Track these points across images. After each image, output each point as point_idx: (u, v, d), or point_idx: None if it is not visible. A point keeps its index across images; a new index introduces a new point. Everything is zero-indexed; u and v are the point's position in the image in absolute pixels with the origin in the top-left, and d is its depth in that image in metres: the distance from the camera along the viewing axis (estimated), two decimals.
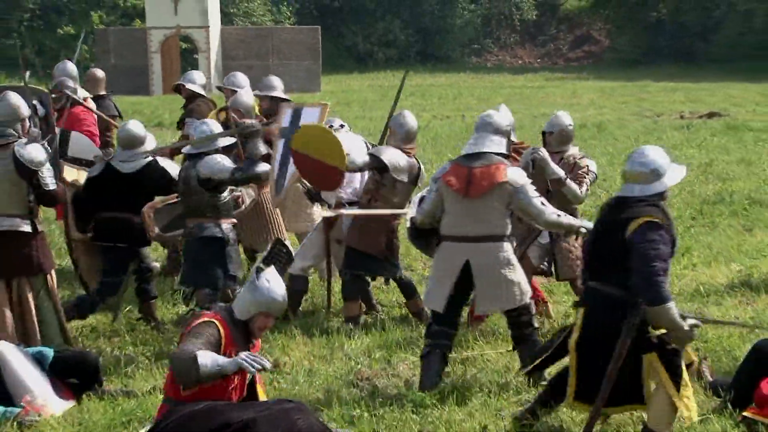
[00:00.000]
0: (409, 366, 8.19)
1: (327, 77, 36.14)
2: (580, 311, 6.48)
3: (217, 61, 34.81)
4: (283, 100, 10.86)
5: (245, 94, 10.46)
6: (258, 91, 10.96)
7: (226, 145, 8.77)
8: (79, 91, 12.05)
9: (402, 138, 9.41)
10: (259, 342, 6.40)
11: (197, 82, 11.53)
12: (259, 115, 10.64)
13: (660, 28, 46.86)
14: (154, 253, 10.61)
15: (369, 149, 9.75)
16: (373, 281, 9.81)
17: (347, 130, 10.12)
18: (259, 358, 5.68)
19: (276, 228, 10.13)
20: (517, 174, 7.64)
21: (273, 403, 5.72)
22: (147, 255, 9.31)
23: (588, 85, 35.28)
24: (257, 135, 9.25)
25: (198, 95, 11.44)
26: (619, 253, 6.16)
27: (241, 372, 5.83)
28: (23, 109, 8.27)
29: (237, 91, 10.79)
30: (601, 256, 6.38)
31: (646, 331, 6.22)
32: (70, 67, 12.19)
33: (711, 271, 11.07)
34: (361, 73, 42.27)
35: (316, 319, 9.42)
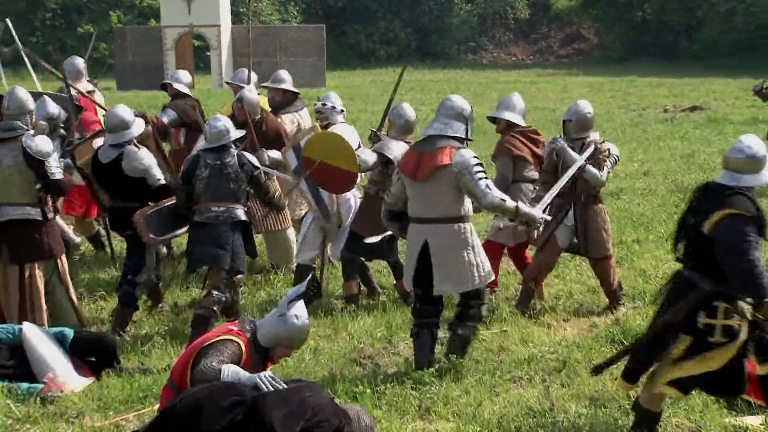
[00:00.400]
0: (409, 345, 8.17)
1: (331, 73, 36.10)
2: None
3: (227, 57, 34.80)
4: (293, 93, 10.83)
5: (250, 91, 10.39)
6: (269, 84, 10.95)
7: (237, 138, 8.73)
8: (85, 85, 12.04)
9: (401, 129, 9.41)
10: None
11: (183, 81, 11.36)
12: (264, 110, 10.53)
13: (645, 26, 46.83)
14: None
15: (360, 144, 9.76)
16: (369, 262, 9.77)
17: (343, 118, 10.05)
18: (276, 380, 5.60)
19: (282, 215, 10.12)
20: (464, 156, 7.36)
21: (285, 382, 5.68)
22: None
23: (578, 80, 35.24)
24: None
25: (183, 94, 11.26)
26: (702, 240, 6.00)
27: None
28: (30, 103, 8.27)
29: (243, 86, 10.75)
30: (689, 240, 6.24)
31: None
32: (78, 61, 12.19)
33: None
34: (364, 70, 42.25)
35: (320, 302, 9.42)
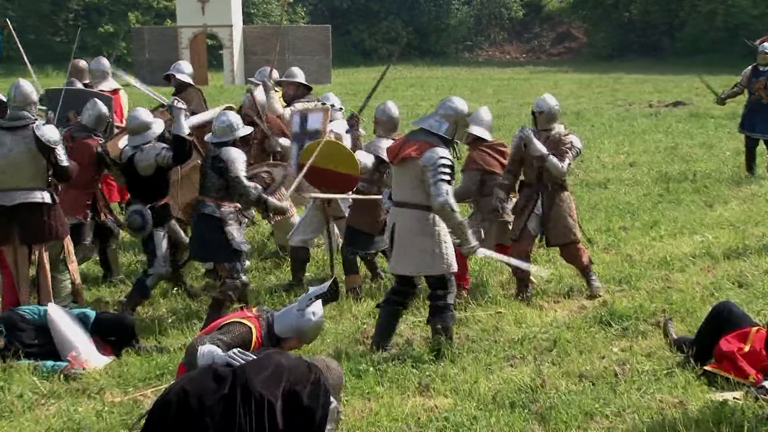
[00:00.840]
0: (409, 326, 8.18)
1: (337, 70, 36.07)
2: None
3: (239, 55, 34.76)
4: (306, 87, 10.76)
5: (260, 92, 10.32)
6: (283, 79, 10.89)
7: (243, 136, 8.63)
8: (111, 84, 12.03)
9: (387, 127, 9.35)
10: None
11: (185, 72, 11.29)
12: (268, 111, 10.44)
13: (631, 26, 46.79)
14: None
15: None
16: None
17: (341, 114, 10.01)
18: (245, 353, 5.61)
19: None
20: (434, 154, 7.24)
21: (263, 353, 5.72)
22: (178, 230, 9.21)
23: (568, 77, 35.20)
24: None
25: (187, 84, 11.19)
26: None
27: None
28: (34, 95, 8.27)
29: (259, 83, 10.66)
30: None
31: None
32: (103, 61, 12.18)
33: (676, 241, 11.06)
34: (367, 67, 42.19)
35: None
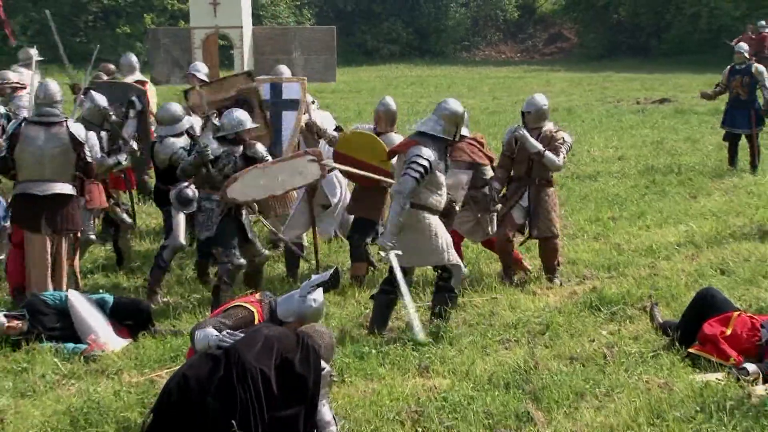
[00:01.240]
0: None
1: (341, 69, 35.96)
2: None
3: (249, 55, 34.70)
4: None
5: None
6: (272, 76, 10.72)
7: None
8: (137, 77, 12.00)
9: (389, 120, 9.33)
10: None
11: (202, 72, 11.22)
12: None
13: (620, 27, 46.64)
14: None
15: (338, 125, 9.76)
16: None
17: (317, 106, 9.95)
18: (234, 334, 5.61)
19: (287, 200, 9.84)
20: (415, 150, 7.28)
21: (251, 330, 5.75)
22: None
23: (560, 75, 35.10)
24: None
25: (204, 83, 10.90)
26: None
27: None
28: (59, 94, 8.32)
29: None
30: None
31: None
32: (132, 57, 12.20)
33: (662, 231, 11.06)
34: (370, 66, 42.09)
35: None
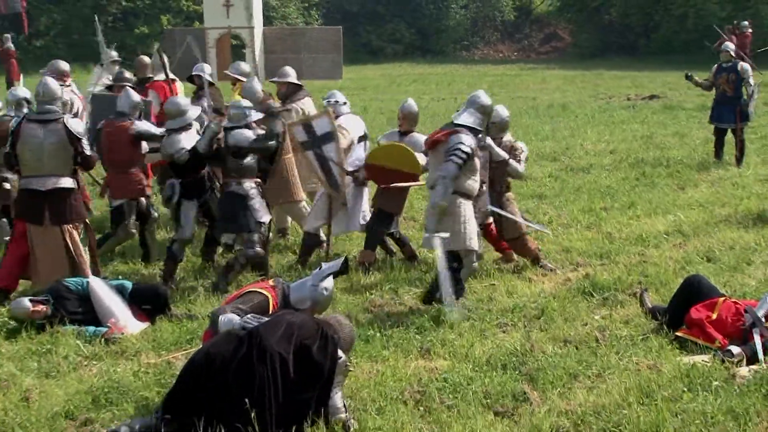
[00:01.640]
0: (412, 297, 8.19)
1: (347, 68, 35.91)
2: None
3: (260, 54, 34.68)
4: (297, 85, 10.49)
5: (254, 83, 10.16)
6: (276, 78, 10.64)
7: (255, 120, 8.73)
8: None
9: (413, 121, 9.36)
10: None
11: (206, 72, 10.93)
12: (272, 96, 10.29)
13: (611, 28, 46.53)
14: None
15: (366, 132, 9.71)
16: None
17: (348, 109, 9.89)
18: (257, 317, 5.65)
19: (294, 189, 9.90)
20: (455, 139, 7.45)
21: (274, 314, 5.78)
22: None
23: (554, 73, 35.03)
24: (276, 117, 9.10)
25: (210, 83, 10.78)
26: None
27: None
28: (59, 91, 8.35)
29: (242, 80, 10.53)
30: None
31: None
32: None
33: (651, 221, 11.04)
34: (374, 65, 42.04)
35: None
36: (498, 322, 7.47)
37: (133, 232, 9.42)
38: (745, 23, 27.69)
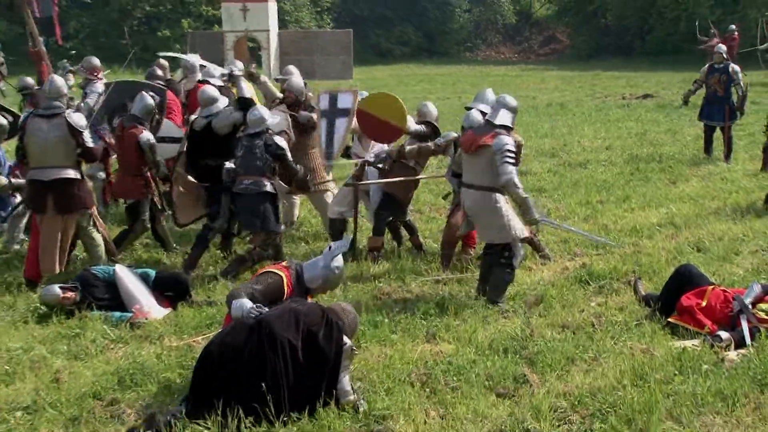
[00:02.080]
0: (418, 285, 8.19)
1: (357, 68, 35.87)
2: None
3: (275, 55, 34.66)
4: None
5: (296, 79, 10.18)
6: (281, 76, 10.50)
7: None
8: (198, 75, 11.78)
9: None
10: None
11: (216, 76, 10.66)
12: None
13: (607, 30, 46.43)
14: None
15: None
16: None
17: None
18: (261, 308, 5.61)
19: (320, 179, 9.88)
20: (501, 141, 7.43)
21: (281, 304, 5.77)
22: None
23: (553, 74, 34.95)
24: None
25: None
26: None
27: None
28: (65, 88, 8.37)
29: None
30: None
31: None
32: (195, 58, 11.85)
33: (645, 213, 11.01)
34: (383, 65, 42.00)
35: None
36: (499, 308, 7.46)
37: (147, 226, 9.36)
38: (732, 27, 27.56)
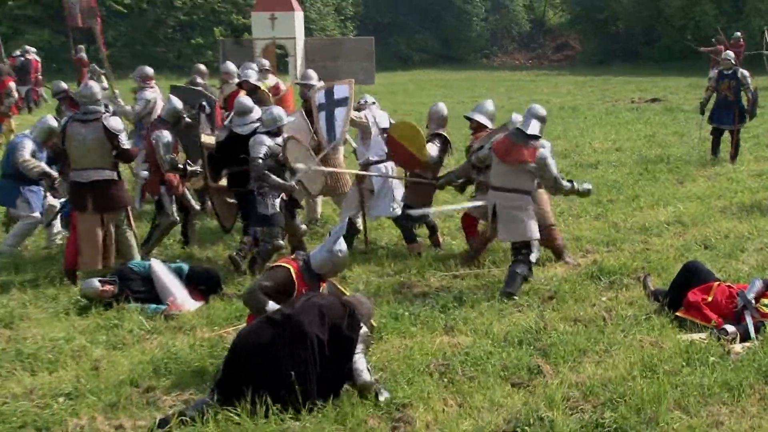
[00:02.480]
0: (437, 279, 8.17)
1: (379, 74, 35.77)
2: None
3: (301, 62, 34.72)
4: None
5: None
6: (300, 81, 10.46)
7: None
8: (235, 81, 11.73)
9: (440, 123, 9.21)
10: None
11: (253, 78, 10.80)
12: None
13: (617, 38, 46.12)
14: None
15: (391, 121, 9.48)
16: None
17: (377, 106, 9.84)
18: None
19: (342, 182, 9.82)
20: (543, 153, 7.61)
21: (300, 299, 5.72)
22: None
23: (566, 79, 34.76)
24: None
25: (257, 87, 10.69)
26: None
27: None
28: (99, 94, 8.38)
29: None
30: None
31: None
32: (254, 65, 11.84)
33: (654, 212, 10.94)
34: (404, 71, 41.87)
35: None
36: (515, 302, 7.44)
37: (176, 219, 9.29)
38: (738, 34, 27.30)
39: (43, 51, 26.38)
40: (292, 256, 6.39)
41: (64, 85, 12.68)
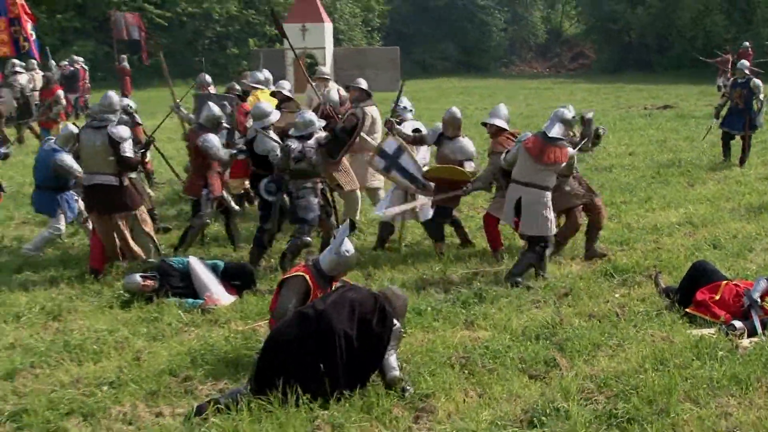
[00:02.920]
0: (458, 276, 8.15)
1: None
2: None
3: (330, 71, 34.81)
4: (367, 92, 10.13)
5: (333, 93, 10.16)
6: (352, 84, 10.37)
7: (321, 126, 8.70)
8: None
9: (455, 126, 9.11)
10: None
11: (286, 88, 10.85)
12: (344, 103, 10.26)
13: (630, 47, 45.81)
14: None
15: (422, 130, 9.48)
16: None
17: (412, 116, 9.76)
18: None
19: (351, 180, 9.78)
20: (570, 154, 7.85)
21: (335, 292, 5.69)
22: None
23: (581, 87, 34.54)
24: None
25: (288, 98, 10.63)
26: None
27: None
28: (117, 105, 8.44)
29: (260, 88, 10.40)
30: None
31: None
32: (264, 74, 11.92)
33: (665, 213, 10.86)
34: (427, 79, 41.80)
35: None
36: (532, 298, 7.42)
37: (207, 221, 9.26)
38: (746, 44, 27.01)
39: (89, 61, 26.59)
40: (302, 263, 6.32)
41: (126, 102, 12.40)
